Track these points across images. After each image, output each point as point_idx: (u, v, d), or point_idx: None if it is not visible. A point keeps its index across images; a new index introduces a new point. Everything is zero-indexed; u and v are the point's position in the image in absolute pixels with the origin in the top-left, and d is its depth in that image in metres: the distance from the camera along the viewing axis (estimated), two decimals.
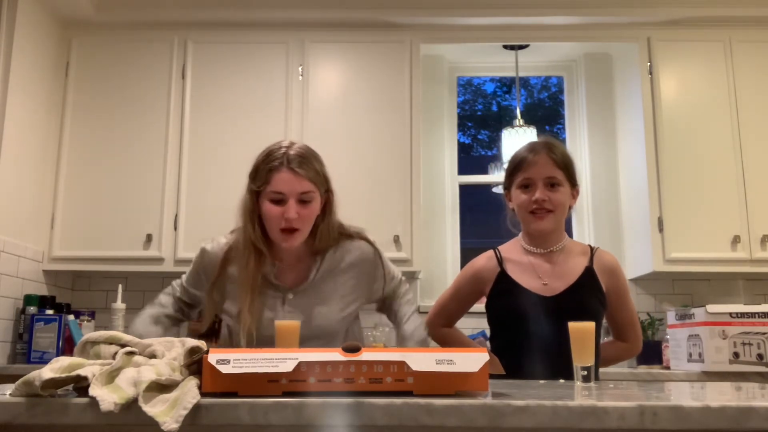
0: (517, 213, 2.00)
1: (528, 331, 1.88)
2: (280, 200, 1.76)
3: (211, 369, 0.94)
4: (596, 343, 1.86)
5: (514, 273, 1.97)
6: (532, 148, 1.99)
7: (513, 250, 2.04)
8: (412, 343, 1.96)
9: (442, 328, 2.13)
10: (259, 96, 3.52)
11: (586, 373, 1.59)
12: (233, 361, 0.94)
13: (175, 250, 3.37)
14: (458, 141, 4.08)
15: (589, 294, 1.93)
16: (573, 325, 1.63)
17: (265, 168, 1.78)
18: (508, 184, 2.03)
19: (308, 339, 1.76)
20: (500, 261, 2.01)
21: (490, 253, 2.05)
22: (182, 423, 0.86)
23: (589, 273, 1.95)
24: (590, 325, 1.64)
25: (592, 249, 2.02)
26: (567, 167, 1.97)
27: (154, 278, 3.63)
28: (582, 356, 1.49)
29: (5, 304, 3.09)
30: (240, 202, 1.86)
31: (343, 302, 1.87)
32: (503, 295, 1.95)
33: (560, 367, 1.78)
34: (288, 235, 1.77)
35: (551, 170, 1.93)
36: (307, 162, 1.79)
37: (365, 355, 0.97)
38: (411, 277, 3.63)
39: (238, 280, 1.81)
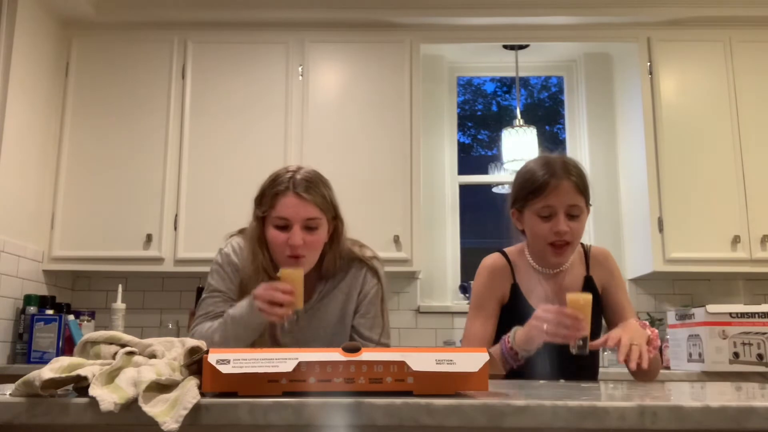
0: (530, 239, 1.85)
1: (533, 356, 1.78)
2: (285, 226, 1.72)
3: (211, 369, 0.94)
4: (593, 323, 1.84)
5: (525, 289, 1.88)
6: (551, 171, 1.81)
7: (520, 260, 1.93)
8: None
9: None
10: (259, 96, 3.52)
11: (581, 343, 1.61)
12: (233, 361, 0.94)
13: (175, 250, 3.37)
14: (458, 141, 4.08)
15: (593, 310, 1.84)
16: (570, 296, 1.65)
17: (270, 192, 1.75)
18: (521, 206, 1.86)
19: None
20: (512, 269, 1.91)
21: (497, 255, 1.94)
22: (182, 423, 0.86)
23: (588, 283, 1.89)
24: (587, 296, 1.66)
25: (585, 249, 1.95)
26: (586, 190, 1.85)
27: (154, 278, 3.64)
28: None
29: (5, 304, 3.09)
30: (247, 229, 1.83)
31: (339, 320, 1.86)
32: (515, 316, 1.82)
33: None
34: (294, 261, 1.73)
35: (573, 198, 1.79)
36: (314, 187, 1.75)
37: (365, 355, 0.97)
38: (411, 277, 3.63)
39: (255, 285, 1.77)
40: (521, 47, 3.87)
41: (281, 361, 0.94)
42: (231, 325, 1.73)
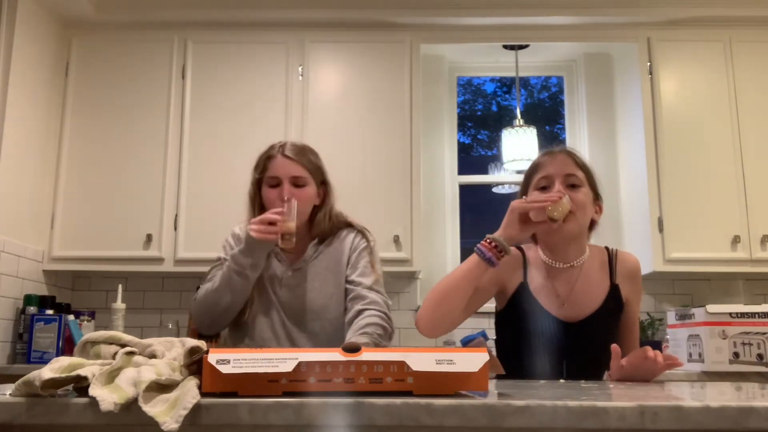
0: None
1: (547, 357, 1.74)
2: (276, 185, 1.95)
3: (211, 369, 0.94)
4: (612, 334, 1.81)
5: (534, 286, 1.79)
6: (549, 150, 1.84)
7: (535, 256, 1.84)
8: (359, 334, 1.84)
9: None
10: (259, 96, 3.52)
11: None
12: (233, 361, 0.94)
13: (175, 250, 3.37)
14: (458, 141, 4.08)
15: (613, 320, 1.79)
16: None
17: (263, 157, 2.00)
18: (523, 193, 1.83)
19: (303, 312, 1.95)
20: (525, 264, 1.82)
21: (513, 247, 1.80)
22: (182, 423, 0.86)
23: (613, 295, 1.79)
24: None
25: (610, 255, 1.86)
26: (588, 171, 1.82)
27: (154, 278, 3.64)
28: None
29: (5, 304, 3.09)
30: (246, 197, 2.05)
31: (334, 279, 1.99)
32: (520, 312, 1.78)
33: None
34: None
35: (571, 168, 1.77)
36: (301, 152, 1.99)
37: (365, 355, 0.97)
38: (411, 277, 3.63)
39: None
40: (521, 47, 3.87)
41: (281, 361, 0.94)
42: (231, 263, 1.89)
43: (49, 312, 3.15)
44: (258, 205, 2.00)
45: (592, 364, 1.77)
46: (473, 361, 0.97)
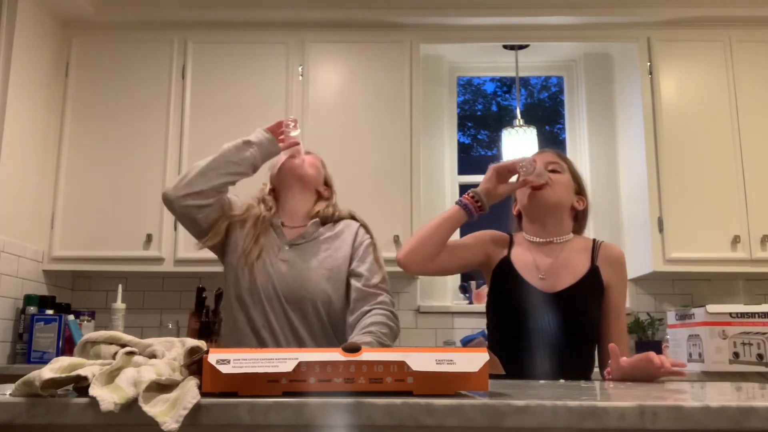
0: (518, 201, 2.02)
1: (527, 327, 1.83)
2: (291, 156, 2.12)
3: (211, 369, 0.94)
4: (594, 310, 1.86)
5: (516, 260, 1.93)
6: (539, 150, 2.09)
7: (520, 239, 2.01)
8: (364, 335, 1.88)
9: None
10: (259, 96, 3.52)
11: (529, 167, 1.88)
12: (233, 361, 0.94)
13: (175, 250, 3.37)
14: (458, 141, 4.07)
15: (590, 297, 1.87)
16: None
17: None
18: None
19: (298, 288, 1.96)
20: (510, 243, 1.99)
21: (502, 233, 2.05)
22: (182, 423, 0.86)
23: (592, 273, 1.88)
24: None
25: (595, 243, 1.96)
26: (571, 167, 2.01)
27: (154, 278, 3.64)
28: None
29: (5, 304, 3.09)
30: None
31: (333, 265, 2.01)
32: (503, 285, 1.91)
33: (559, 365, 1.77)
34: (292, 159, 2.11)
35: (555, 159, 1.99)
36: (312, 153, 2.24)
37: (365, 355, 0.97)
38: (411, 277, 3.63)
39: (252, 217, 2.05)
40: (521, 47, 3.87)
41: (281, 361, 0.94)
42: (229, 145, 2.03)
43: (49, 312, 3.15)
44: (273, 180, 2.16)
45: (570, 338, 1.83)
46: (473, 361, 0.97)
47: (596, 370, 1.93)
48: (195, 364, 1.00)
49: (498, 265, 1.94)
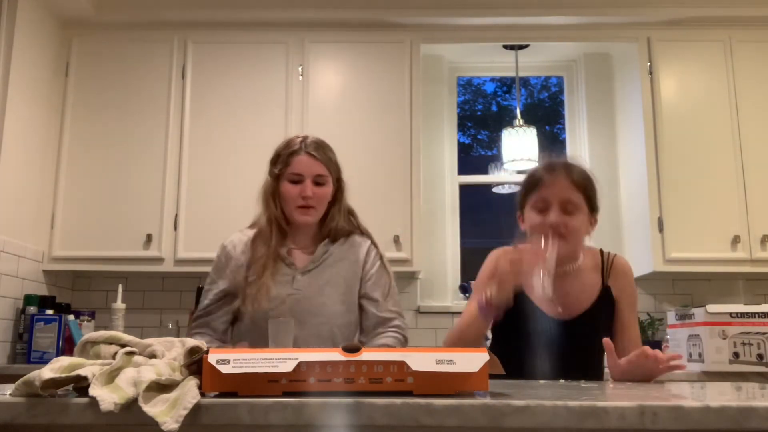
0: (529, 234, 1.83)
1: (539, 353, 1.78)
2: (298, 181, 1.98)
3: (211, 369, 0.94)
4: (606, 330, 1.83)
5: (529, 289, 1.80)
6: (550, 167, 1.87)
7: None
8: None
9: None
10: (259, 96, 3.52)
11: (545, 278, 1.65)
12: (233, 361, 0.94)
13: (175, 250, 3.37)
14: (458, 141, 4.07)
15: (604, 318, 1.83)
16: None
17: (285, 153, 2.02)
18: (521, 205, 1.90)
19: (313, 316, 1.93)
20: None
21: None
22: (182, 423, 0.86)
23: (604, 294, 1.84)
24: None
25: (603, 257, 1.90)
26: (586, 190, 1.86)
27: (154, 278, 3.64)
28: None
29: (5, 304, 3.09)
30: (261, 189, 2.06)
31: (346, 286, 2.00)
32: (516, 313, 1.78)
33: (565, 376, 1.76)
34: (304, 211, 1.98)
35: (569, 192, 1.81)
36: (322, 149, 2.05)
37: (365, 355, 0.97)
38: (411, 277, 3.63)
39: (259, 253, 1.98)
40: (521, 47, 3.87)
41: (281, 361, 0.94)
42: None
43: (49, 312, 3.15)
44: (276, 199, 2.01)
45: (585, 362, 1.80)
46: (473, 361, 0.97)
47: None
48: (195, 364, 1.00)
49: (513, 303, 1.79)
